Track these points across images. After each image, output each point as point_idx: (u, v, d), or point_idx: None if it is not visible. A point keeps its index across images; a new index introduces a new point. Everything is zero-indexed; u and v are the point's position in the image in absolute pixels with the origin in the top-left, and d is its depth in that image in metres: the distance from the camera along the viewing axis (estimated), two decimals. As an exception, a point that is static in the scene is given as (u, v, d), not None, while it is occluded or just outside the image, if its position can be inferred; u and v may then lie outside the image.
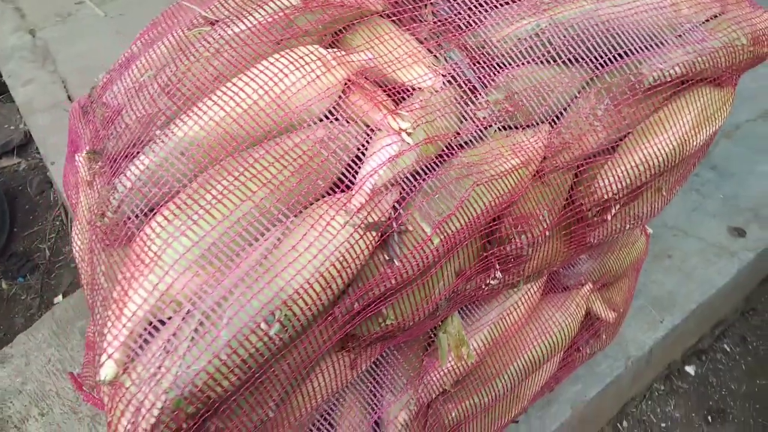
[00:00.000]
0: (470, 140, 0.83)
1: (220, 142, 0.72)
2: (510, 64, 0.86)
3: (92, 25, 2.77)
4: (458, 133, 0.82)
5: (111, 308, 0.66)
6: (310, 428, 0.96)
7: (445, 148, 0.81)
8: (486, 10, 0.88)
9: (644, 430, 1.69)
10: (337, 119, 0.77)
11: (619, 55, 0.89)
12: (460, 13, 0.87)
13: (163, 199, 0.69)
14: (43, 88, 2.45)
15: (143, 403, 0.63)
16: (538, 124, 0.88)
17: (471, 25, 0.87)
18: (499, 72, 0.86)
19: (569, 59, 0.88)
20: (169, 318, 0.65)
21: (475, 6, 0.88)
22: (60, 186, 2.05)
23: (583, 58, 0.88)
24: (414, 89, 0.82)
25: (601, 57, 0.88)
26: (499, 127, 0.86)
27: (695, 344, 1.76)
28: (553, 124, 0.89)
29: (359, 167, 0.75)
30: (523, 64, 0.87)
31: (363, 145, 0.77)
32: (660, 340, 1.50)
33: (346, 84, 0.78)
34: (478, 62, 0.86)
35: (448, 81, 0.83)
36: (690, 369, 1.80)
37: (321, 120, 0.76)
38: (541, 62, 0.88)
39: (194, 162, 0.71)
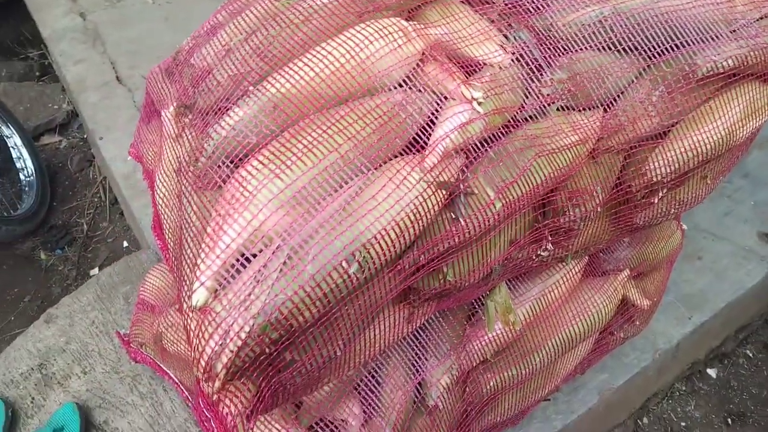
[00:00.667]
0: (534, 115, 0.89)
1: (309, 99, 0.78)
2: (573, 48, 0.92)
3: (141, 11, 2.86)
4: (523, 107, 0.88)
5: (204, 241, 0.72)
6: (358, 383, 1.02)
7: (510, 120, 0.87)
8: (552, -4, 0.94)
9: (664, 427, 1.72)
10: (414, 85, 0.82)
11: (676, 45, 0.94)
12: (528, -2, 0.93)
13: (256, 147, 0.75)
14: (94, 68, 2.54)
15: (232, 326, 0.68)
16: (595, 107, 0.94)
17: (538, 9, 0.92)
18: (562, 54, 0.92)
19: (628, 47, 0.94)
20: (260, 251, 0.71)
21: (542, -9, 0.93)
22: (108, 159, 2.13)
23: (641, 47, 0.93)
24: (484, 64, 0.88)
25: (659, 46, 0.93)
26: (559, 107, 0.92)
27: (719, 346, 1.79)
28: (609, 107, 0.94)
29: (432, 131, 0.81)
30: (585, 48, 0.92)
31: (436, 111, 0.82)
32: (687, 336, 1.54)
33: (423, 54, 0.84)
34: (544, 43, 0.91)
35: (516, 59, 0.89)
36: (712, 372, 1.83)
37: (400, 86, 0.82)
38: (602, 48, 0.93)
39: (285, 116, 0.77)
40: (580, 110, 0.94)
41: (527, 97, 0.89)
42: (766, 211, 1.80)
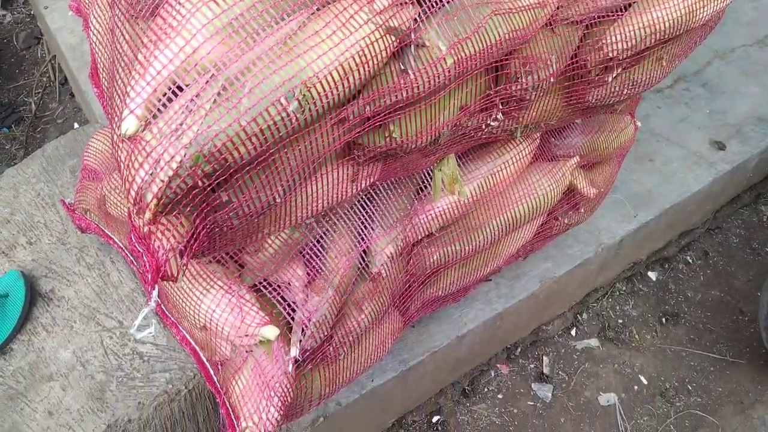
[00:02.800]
0: (493, -30, 0.85)
1: (252, -75, 0.72)
2: None
3: None
4: (482, -39, 0.84)
5: (135, 69, 0.68)
6: (303, 248, 1.02)
7: (468, -27, 0.83)
8: None
9: (602, 322, 1.81)
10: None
11: None
12: None
13: (193, -29, 0.70)
14: (37, -67, 2.35)
15: (162, 155, 0.66)
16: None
17: None
18: None
19: None
20: (193, 80, 0.67)
21: None
22: (53, 30, 2.01)
23: None
24: None
25: None
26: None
27: (661, 249, 1.86)
28: (571, -27, 0.91)
29: (385, -26, 0.77)
30: None
31: (390, -47, 0.78)
32: (632, 233, 1.58)
33: None
34: None
35: None
36: (652, 274, 1.91)
37: None
38: None
39: (225, -60, 0.71)
40: (542, -25, 0.90)
41: (488, -50, 0.84)
42: (721, 120, 1.83)
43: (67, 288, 1.47)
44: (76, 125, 2.39)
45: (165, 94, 0.67)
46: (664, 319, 1.83)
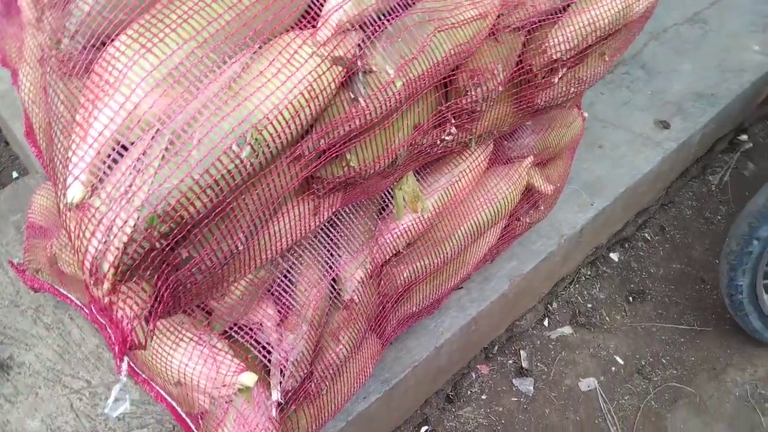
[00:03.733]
0: (431, -13, 0.84)
1: (180, -32, 0.69)
2: None
3: None
4: (419, -21, 0.83)
5: (75, 132, 0.65)
6: (271, 285, 0.99)
7: (407, -7, 0.82)
8: None
9: (572, 309, 1.83)
10: (299, -46, 0.75)
11: None
12: None
13: (124, 22, 0.67)
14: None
15: (114, 221, 0.63)
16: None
17: None
18: None
19: None
20: (138, 138, 0.64)
21: None
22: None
23: None
24: (375, -68, 0.81)
25: None
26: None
27: (620, 231, 1.90)
28: (507, -19, 0.91)
29: (324, 2, 0.75)
30: None
31: (326, -18, 0.76)
32: (590, 221, 1.61)
33: None
34: None
35: (409, -74, 0.83)
36: (614, 255, 1.95)
37: (283, -47, 0.75)
38: None
39: (154, -13, 0.68)
40: (479, -15, 0.90)
41: (423, -32, 0.84)
42: (662, 99, 1.88)
43: (27, 352, 1.40)
44: (15, 174, 2.28)
45: (110, 155, 0.64)
46: (631, 298, 1.87)
